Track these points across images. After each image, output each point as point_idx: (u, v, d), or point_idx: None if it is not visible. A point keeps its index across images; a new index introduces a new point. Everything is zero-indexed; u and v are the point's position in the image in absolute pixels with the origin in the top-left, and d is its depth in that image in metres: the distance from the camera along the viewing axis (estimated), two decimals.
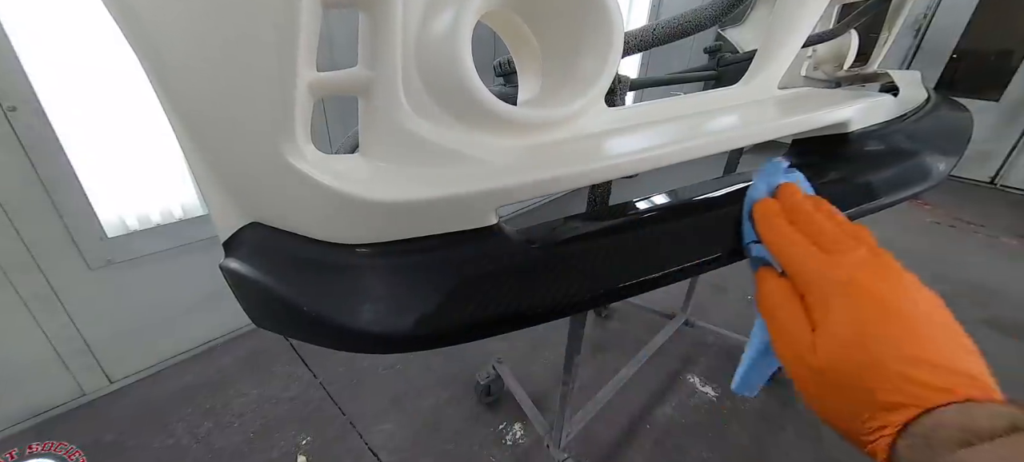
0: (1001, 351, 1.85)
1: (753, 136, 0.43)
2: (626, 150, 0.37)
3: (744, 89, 0.52)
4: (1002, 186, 3.85)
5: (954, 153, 0.57)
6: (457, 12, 0.30)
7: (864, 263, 0.28)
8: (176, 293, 1.68)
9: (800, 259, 0.30)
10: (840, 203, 0.36)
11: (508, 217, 0.35)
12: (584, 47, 0.37)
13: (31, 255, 1.31)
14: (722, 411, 1.55)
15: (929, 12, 3.80)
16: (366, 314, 0.32)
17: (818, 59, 0.95)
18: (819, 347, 0.27)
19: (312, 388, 1.62)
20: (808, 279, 0.29)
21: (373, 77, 0.31)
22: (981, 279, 2.38)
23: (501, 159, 0.35)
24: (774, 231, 0.33)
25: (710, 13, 0.49)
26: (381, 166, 0.34)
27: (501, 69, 0.62)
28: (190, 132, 0.35)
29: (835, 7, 0.92)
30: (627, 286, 0.36)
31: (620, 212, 0.44)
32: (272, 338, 1.78)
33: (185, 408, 1.54)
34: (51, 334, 1.42)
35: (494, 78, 0.64)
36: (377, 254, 0.34)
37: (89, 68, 1.29)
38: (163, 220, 1.58)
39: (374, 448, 1.40)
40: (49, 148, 1.27)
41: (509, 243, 0.35)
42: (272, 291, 0.35)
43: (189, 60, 0.30)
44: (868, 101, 0.53)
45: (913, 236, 2.92)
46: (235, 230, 0.39)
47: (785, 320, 0.30)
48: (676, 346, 1.81)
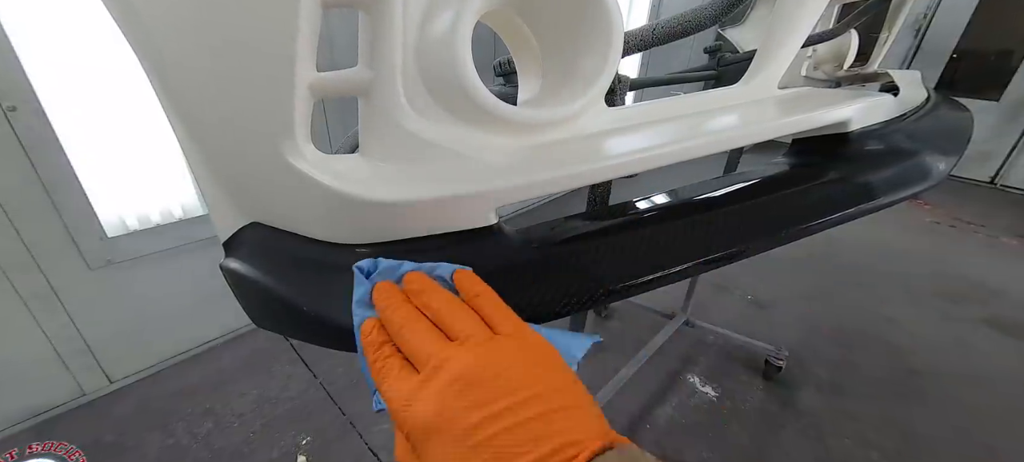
0: (1001, 351, 1.85)
1: (753, 136, 0.43)
2: (626, 150, 0.37)
3: (744, 89, 0.52)
4: (1002, 186, 3.85)
5: (954, 153, 0.57)
6: (457, 12, 0.30)
7: (455, 376, 0.23)
8: (176, 293, 1.68)
9: (388, 397, 0.25)
10: (840, 203, 0.36)
11: (507, 217, 0.35)
12: (584, 47, 0.37)
13: (31, 255, 1.31)
14: (722, 411, 1.54)
15: (929, 12, 3.80)
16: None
17: (818, 59, 0.95)
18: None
19: (312, 388, 1.62)
20: (400, 422, 0.24)
21: (373, 77, 0.31)
22: (981, 279, 2.38)
23: (501, 159, 0.35)
24: (374, 369, 0.27)
25: (710, 13, 0.49)
26: (381, 166, 0.34)
27: (501, 69, 0.61)
28: (190, 132, 0.35)
29: (835, 7, 0.92)
30: (627, 286, 0.36)
31: (620, 212, 0.44)
32: (272, 338, 1.78)
33: (185, 408, 1.53)
34: (51, 334, 1.42)
35: (494, 78, 0.64)
36: (377, 254, 0.34)
37: (89, 68, 1.29)
38: (163, 220, 1.58)
39: (374, 448, 1.39)
40: (49, 148, 1.27)
41: (509, 243, 0.35)
42: (272, 291, 0.35)
43: (189, 60, 0.30)
44: (868, 101, 0.53)
45: (913, 236, 2.92)
46: (235, 230, 0.39)
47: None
48: (676, 346, 1.81)
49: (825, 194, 0.48)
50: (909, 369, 1.73)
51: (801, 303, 2.14)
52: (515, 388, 0.22)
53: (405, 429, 0.23)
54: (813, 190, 0.48)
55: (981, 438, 1.45)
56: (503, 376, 0.23)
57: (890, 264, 2.53)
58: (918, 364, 1.76)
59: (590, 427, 0.22)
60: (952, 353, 1.83)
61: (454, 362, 0.24)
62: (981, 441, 1.44)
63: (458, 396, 0.22)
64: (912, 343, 1.88)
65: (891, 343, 1.88)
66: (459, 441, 0.21)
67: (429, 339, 0.26)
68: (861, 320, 2.03)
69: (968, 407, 1.56)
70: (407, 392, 0.24)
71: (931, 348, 1.85)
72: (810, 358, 1.75)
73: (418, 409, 0.23)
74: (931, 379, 1.69)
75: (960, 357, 1.80)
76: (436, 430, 0.22)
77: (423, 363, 0.25)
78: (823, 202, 0.47)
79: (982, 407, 1.56)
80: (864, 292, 2.25)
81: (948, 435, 1.45)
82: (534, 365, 0.24)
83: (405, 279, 0.30)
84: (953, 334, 1.94)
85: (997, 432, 1.47)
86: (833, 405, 1.54)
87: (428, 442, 0.22)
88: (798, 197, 0.47)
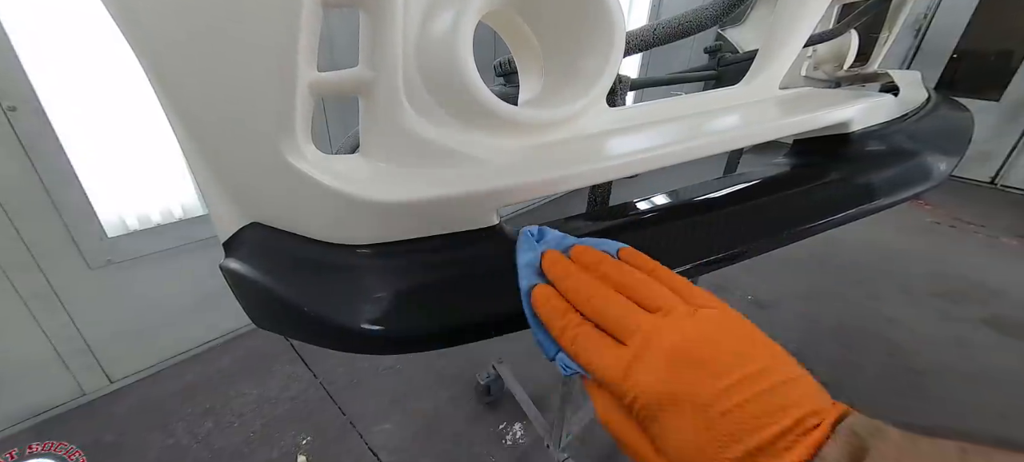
0: (1001, 351, 1.85)
1: (755, 136, 0.42)
2: (627, 150, 0.37)
3: (745, 89, 0.52)
4: (1002, 186, 3.85)
5: (955, 153, 0.57)
6: (458, 12, 0.30)
7: (675, 346, 0.23)
8: (176, 293, 1.68)
9: (601, 369, 0.25)
10: (842, 204, 0.36)
11: (508, 217, 0.35)
12: (586, 47, 0.37)
13: (31, 254, 1.31)
14: None
15: (929, 12, 3.80)
16: (367, 315, 0.32)
17: (818, 59, 0.95)
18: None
19: (312, 388, 1.62)
20: (622, 392, 0.24)
21: (374, 77, 0.31)
22: (981, 279, 2.37)
23: (502, 159, 0.35)
24: (566, 338, 0.27)
25: (711, 13, 0.49)
26: (382, 166, 0.34)
27: (502, 69, 0.62)
28: (190, 132, 0.35)
29: (835, 7, 0.92)
30: None
31: (620, 213, 0.44)
32: (272, 338, 1.78)
33: (185, 408, 1.53)
34: (51, 334, 1.42)
35: (495, 78, 0.64)
36: (378, 255, 0.34)
37: (89, 68, 1.29)
38: (163, 220, 1.58)
39: (374, 448, 1.39)
40: (49, 148, 1.27)
41: (510, 244, 0.35)
42: (272, 291, 0.35)
43: (189, 60, 0.30)
44: (869, 101, 0.53)
45: (913, 236, 2.91)
46: (235, 230, 0.39)
47: (630, 448, 0.25)
48: None
49: (826, 195, 0.48)
50: (909, 369, 1.73)
51: (801, 303, 2.14)
52: (746, 358, 0.23)
53: (628, 398, 0.23)
54: (814, 191, 0.48)
55: (981, 438, 1.44)
56: (728, 345, 0.23)
57: (890, 264, 2.53)
58: (918, 364, 1.76)
59: (820, 397, 0.22)
60: (952, 353, 1.83)
61: (670, 332, 0.24)
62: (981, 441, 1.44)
63: (690, 365, 0.22)
64: (912, 343, 1.88)
65: (891, 343, 1.88)
66: (702, 411, 0.21)
67: (629, 309, 0.26)
68: (861, 320, 2.02)
69: (968, 407, 1.56)
70: (624, 361, 0.24)
71: (931, 348, 1.85)
72: (810, 358, 1.75)
73: (645, 379, 0.23)
74: (931, 379, 1.69)
75: (960, 357, 1.80)
76: (673, 400, 0.22)
77: (628, 333, 0.25)
78: (824, 203, 0.47)
79: (982, 407, 1.56)
80: (864, 292, 2.24)
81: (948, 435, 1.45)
82: (747, 337, 0.24)
83: (574, 252, 0.30)
84: (953, 334, 1.94)
85: (997, 432, 1.47)
86: None
87: (664, 412, 0.22)
88: (799, 198, 0.47)
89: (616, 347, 0.25)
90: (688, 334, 0.24)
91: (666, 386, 0.22)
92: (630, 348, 0.24)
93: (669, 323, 0.25)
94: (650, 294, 0.26)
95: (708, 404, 0.21)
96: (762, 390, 0.21)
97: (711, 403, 0.21)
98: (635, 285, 0.27)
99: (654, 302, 0.26)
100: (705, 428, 0.21)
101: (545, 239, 0.31)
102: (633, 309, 0.26)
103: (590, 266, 0.29)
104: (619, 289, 0.27)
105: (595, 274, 0.28)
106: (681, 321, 0.25)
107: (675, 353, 0.23)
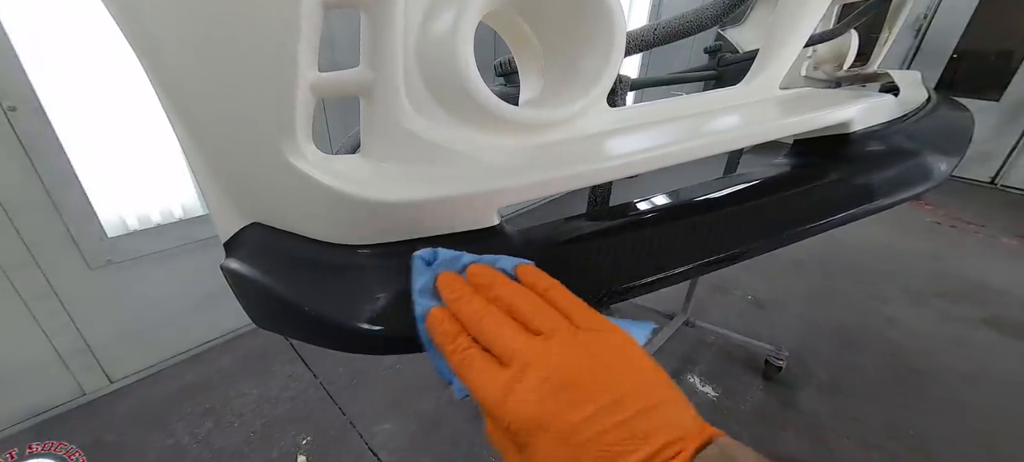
0: (1001, 351, 1.85)
1: (755, 136, 0.43)
2: (627, 150, 0.37)
3: (745, 89, 0.52)
4: (1002, 186, 3.85)
5: (955, 153, 0.57)
6: (459, 12, 0.30)
7: (547, 373, 0.23)
8: (176, 293, 1.68)
9: (481, 394, 0.25)
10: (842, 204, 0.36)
11: (507, 217, 0.35)
12: (586, 47, 0.37)
13: (31, 254, 1.31)
14: (722, 411, 1.54)
15: (929, 12, 3.80)
16: (367, 315, 0.32)
17: (818, 59, 0.95)
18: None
19: (312, 388, 1.62)
20: (498, 417, 0.24)
21: (375, 77, 0.31)
22: (981, 279, 2.38)
23: (503, 159, 0.35)
24: (454, 361, 0.27)
25: (711, 13, 0.49)
26: (382, 166, 0.34)
27: (502, 69, 0.61)
28: (190, 132, 0.35)
29: (835, 7, 0.92)
30: (628, 287, 0.36)
31: (621, 213, 0.44)
32: (272, 338, 1.78)
33: (185, 408, 1.53)
34: (51, 334, 1.42)
35: (495, 78, 0.64)
36: (378, 255, 0.34)
37: (89, 68, 1.29)
38: (163, 220, 1.58)
39: (374, 448, 1.39)
40: (49, 148, 1.27)
41: (511, 244, 0.35)
42: (273, 291, 0.35)
43: (190, 60, 0.30)
44: (869, 101, 0.53)
45: (914, 236, 2.92)
46: (236, 230, 0.39)
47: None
48: (676, 346, 1.81)
49: (826, 195, 0.48)
50: (910, 369, 1.73)
51: (801, 303, 2.14)
52: (612, 384, 0.23)
53: (504, 423, 0.24)
54: (815, 191, 0.48)
55: (981, 438, 1.45)
56: (598, 372, 0.23)
57: (890, 264, 2.53)
58: (918, 364, 1.76)
59: (688, 423, 0.22)
60: (952, 353, 1.83)
61: (546, 357, 0.24)
62: (981, 441, 1.44)
63: (557, 392, 0.23)
64: (912, 343, 1.88)
65: (891, 343, 1.88)
66: (566, 438, 0.22)
67: (512, 332, 0.26)
68: (861, 320, 2.03)
69: (968, 407, 1.56)
70: (500, 387, 0.24)
71: (931, 348, 1.85)
72: (810, 358, 1.75)
73: (518, 406, 0.23)
74: (931, 379, 1.69)
75: (960, 357, 1.80)
76: (540, 427, 0.22)
77: (509, 358, 0.25)
78: (824, 203, 0.47)
79: (982, 407, 1.56)
80: (864, 292, 2.25)
81: (949, 435, 1.45)
82: (624, 360, 0.25)
83: (470, 271, 0.30)
84: (953, 334, 1.94)
85: (997, 432, 1.47)
86: (833, 405, 1.54)
87: (533, 438, 0.22)
88: (800, 198, 0.47)
89: (499, 371, 0.25)
90: (561, 360, 0.24)
91: (534, 413, 0.22)
92: (509, 372, 0.24)
93: (546, 348, 0.24)
94: (537, 316, 0.26)
95: (570, 433, 0.21)
96: (624, 418, 0.21)
97: (573, 432, 0.21)
98: (522, 307, 0.27)
99: (541, 324, 0.26)
100: (569, 457, 0.21)
101: (438, 261, 0.31)
102: (516, 333, 0.26)
103: (483, 288, 0.29)
104: (509, 311, 0.27)
105: (488, 295, 0.28)
106: (559, 346, 0.25)
107: (545, 380, 0.23)
